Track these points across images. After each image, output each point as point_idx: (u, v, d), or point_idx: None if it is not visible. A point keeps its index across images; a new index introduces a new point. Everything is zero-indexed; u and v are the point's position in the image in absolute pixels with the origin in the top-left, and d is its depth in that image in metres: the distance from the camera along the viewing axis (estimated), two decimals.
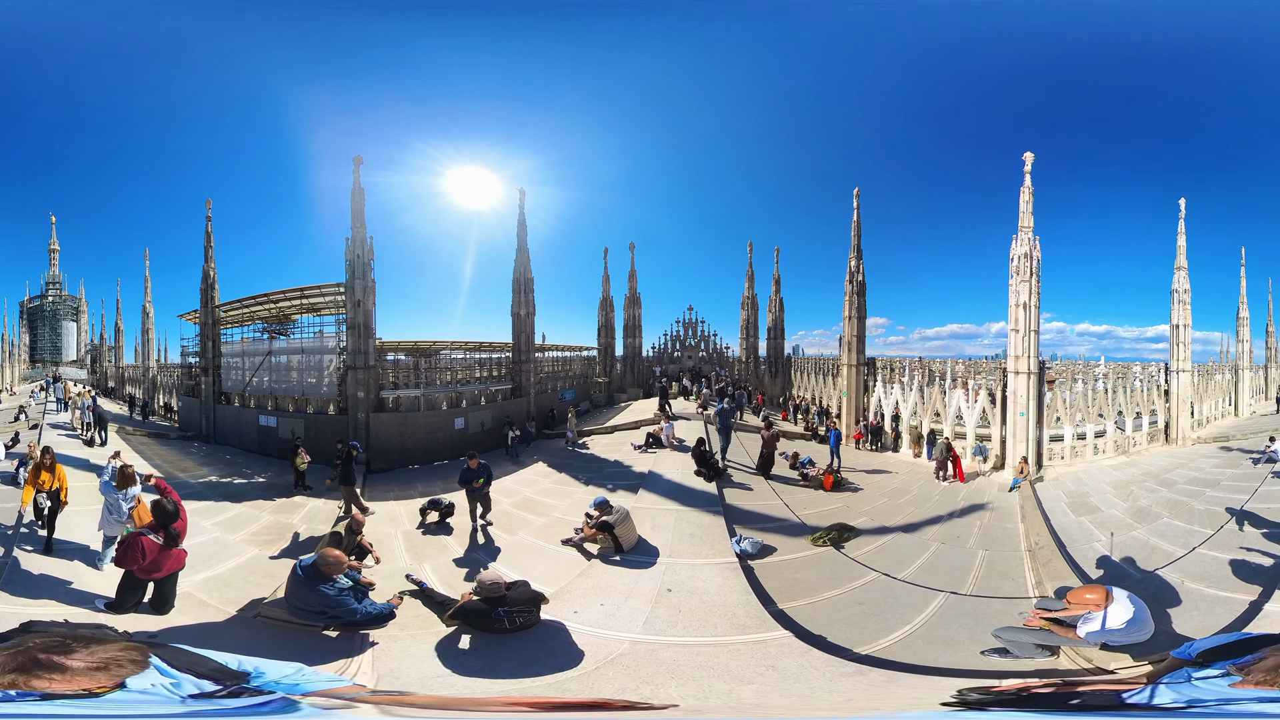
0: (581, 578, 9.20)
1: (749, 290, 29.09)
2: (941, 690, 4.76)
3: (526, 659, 6.61)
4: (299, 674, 3.29)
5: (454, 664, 6.46)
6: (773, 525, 11.88)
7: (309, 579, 6.56)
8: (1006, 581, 9.77)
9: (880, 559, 10.59)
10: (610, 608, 8.07)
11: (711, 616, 7.77)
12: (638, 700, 5.75)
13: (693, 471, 14.65)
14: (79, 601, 6.87)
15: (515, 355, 23.72)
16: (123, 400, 29.81)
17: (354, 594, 6.83)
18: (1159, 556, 9.66)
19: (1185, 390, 21.07)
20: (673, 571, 9.24)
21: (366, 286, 18.93)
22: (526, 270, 23.91)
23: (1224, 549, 9.53)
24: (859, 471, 17.87)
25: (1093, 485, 16.22)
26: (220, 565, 8.39)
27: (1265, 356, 24.59)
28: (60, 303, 37.47)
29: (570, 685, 6.05)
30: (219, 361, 22.97)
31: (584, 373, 30.02)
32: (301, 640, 6.57)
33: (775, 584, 8.95)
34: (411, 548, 10.69)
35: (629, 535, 10.06)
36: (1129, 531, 11.41)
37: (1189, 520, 11.51)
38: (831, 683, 6.26)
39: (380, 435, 18.60)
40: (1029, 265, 18.72)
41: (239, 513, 11.79)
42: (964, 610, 8.39)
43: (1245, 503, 12.03)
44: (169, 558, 6.63)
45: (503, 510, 12.96)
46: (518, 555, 10.49)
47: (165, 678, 2.59)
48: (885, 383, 24.08)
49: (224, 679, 2.81)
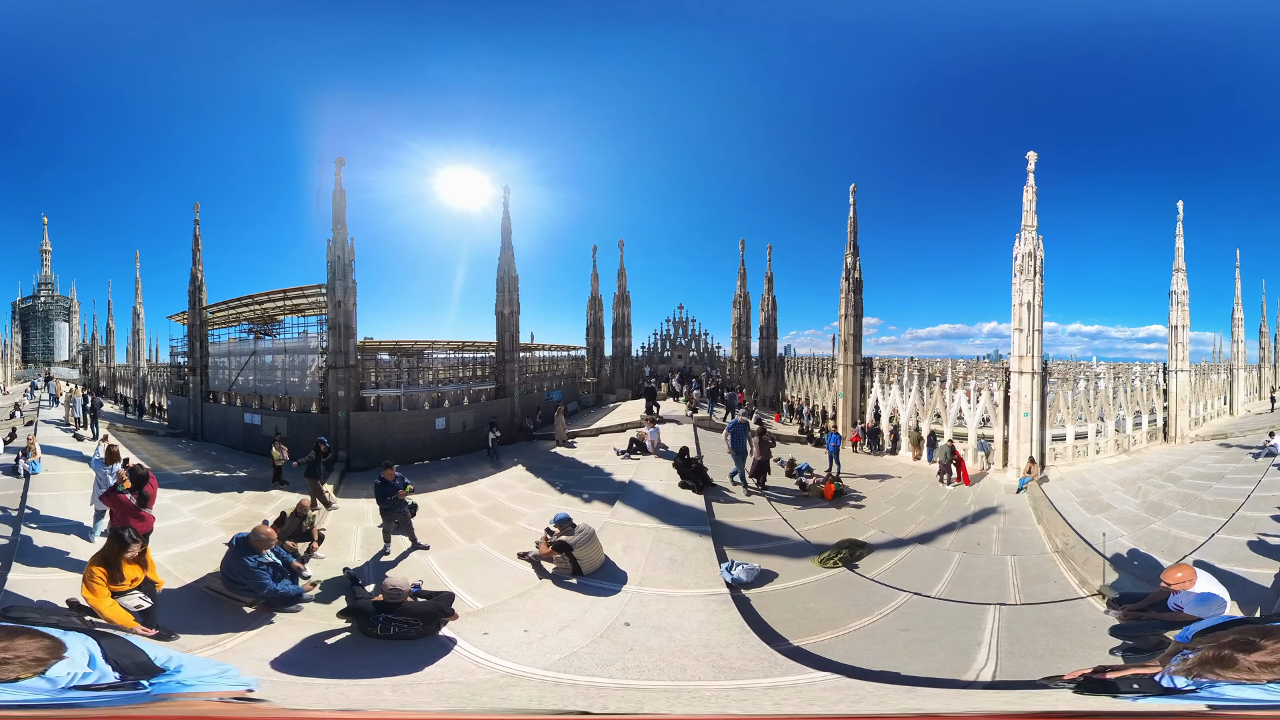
0: (521, 598, 8.94)
1: (741, 288, 29.99)
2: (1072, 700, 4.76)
3: (372, 664, 6.71)
4: (221, 674, 3.97)
5: (297, 655, 6.94)
6: (770, 545, 11.27)
7: (238, 550, 7.75)
8: (1050, 585, 9.82)
9: (904, 577, 10.15)
10: (534, 635, 7.75)
11: (682, 657, 7.07)
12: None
13: (677, 484, 14.09)
14: (76, 568, 8.19)
15: (499, 354, 24.89)
16: (114, 399, 31.75)
17: (273, 571, 7.83)
18: (1183, 545, 10.74)
19: (1184, 390, 21.90)
20: (640, 603, 8.57)
21: (347, 287, 20.32)
22: (511, 268, 25.10)
23: (1240, 533, 10.74)
24: (860, 477, 17.98)
25: (1100, 484, 17.16)
26: (189, 544, 9.67)
27: (1259, 357, 25.32)
28: (52, 303, 39.65)
29: (389, 696, 5.95)
30: (207, 361, 24.58)
31: (572, 373, 31.20)
32: (229, 613, 7.59)
33: (783, 616, 8.32)
34: (367, 544, 11.26)
35: (591, 557, 9.55)
36: (1147, 525, 12.42)
37: (1202, 511, 12.66)
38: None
39: (360, 434, 19.95)
40: (1033, 264, 19.35)
41: (215, 501, 13.18)
42: (1029, 620, 8.29)
43: (1251, 493, 13.30)
44: (141, 519, 8.03)
45: (468, 515, 13.64)
46: (466, 565, 10.39)
47: (85, 668, 3.04)
48: (883, 383, 24.54)
49: (139, 673, 3.28)
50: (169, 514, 11.02)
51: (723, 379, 30.11)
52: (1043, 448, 19.70)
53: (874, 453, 22.96)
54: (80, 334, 37.79)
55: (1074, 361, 24.20)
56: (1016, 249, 19.57)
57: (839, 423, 24.48)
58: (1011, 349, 19.59)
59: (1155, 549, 10.76)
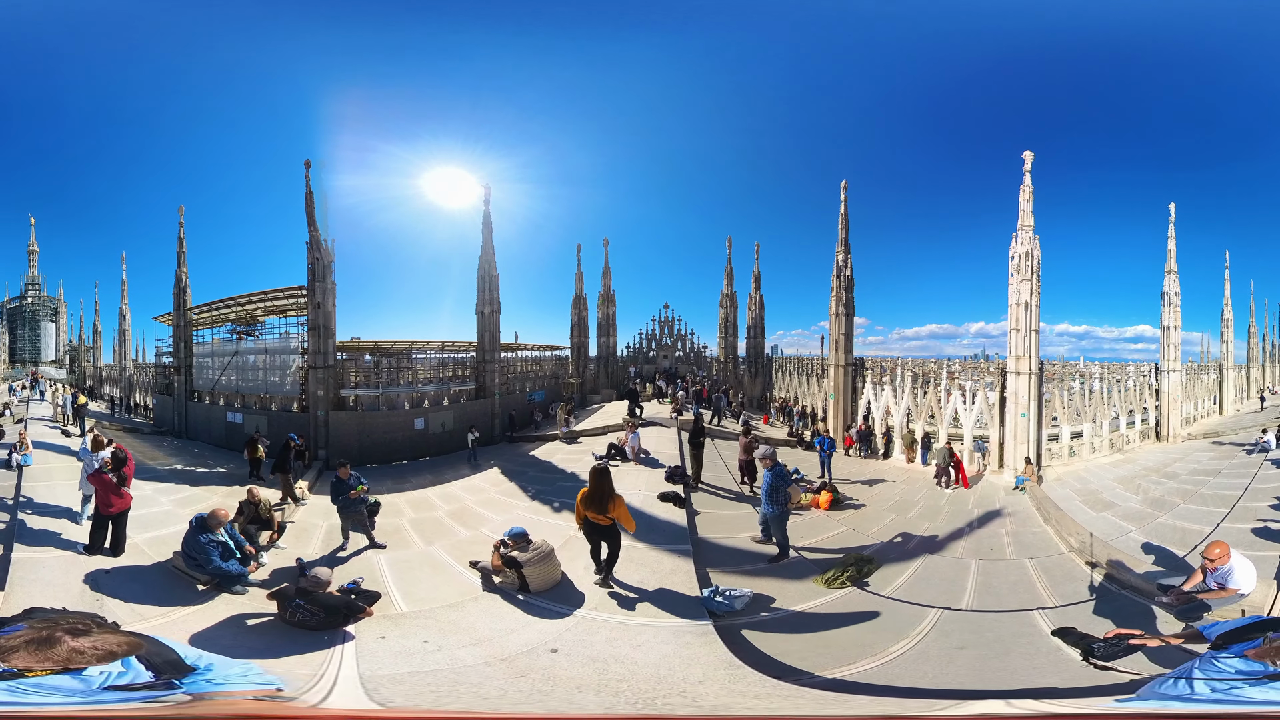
0: (452, 608, 8.92)
1: (728, 287, 31.32)
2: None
3: (262, 648, 7.33)
4: (246, 673, 4.17)
5: (214, 632, 7.76)
6: (763, 567, 10.81)
7: (195, 528, 9.18)
8: (1079, 585, 10.11)
9: (926, 590, 9.97)
10: (431, 646, 7.62)
11: (609, 695, 6.45)
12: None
13: (657, 495, 13.74)
14: (68, 547, 9.96)
15: (479, 354, 26.32)
16: (100, 398, 33.98)
17: (222, 551, 9.13)
18: (1192, 536, 11.77)
19: (1176, 390, 23.05)
20: (586, 629, 8.12)
21: (326, 289, 22.03)
22: (491, 267, 26.57)
23: (1243, 522, 11.97)
24: (855, 483, 18.11)
25: (1098, 482, 18.17)
26: (165, 530, 11.13)
27: (1247, 357, 26.33)
28: (39, 304, 42.17)
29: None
30: (190, 361, 26.53)
31: (556, 373, 32.63)
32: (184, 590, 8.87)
33: (790, 648, 7.76)
34: (329, 538, 12.16)
35: (545, 576, 9.36)
36: (1154, 520, 13.45)
37: (1204, 504, 13.96)
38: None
39: (339, 434, 21.57)
40: (1030, 264, 20.10)
41: (193, 493, 14.84)
42: (1081, 620, 8.40)
43: (1248, 486, 14.68)
44: (120, 498, 9.83)
45: (434, 517, 14.39)
46: (414, 567, 10.75)
47: (119, 667, 3.14)
48: (875, 384, 25.02)
49: (171, 672, 3.41)
50: (149, 503, 12.78)
51: (710, 380, 31.28)
52: (1039, 448, 20.52)
53: (867, 456, 23.50)
54: (67, 334, 40.17)
55: (1063, 362, 25.32)
56: (1013, 249, 20.43)
57: (830, 424, 25.15)
58: (1008, 349, 20.40)
59: (1166, 541, 11.80)
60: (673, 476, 14.86)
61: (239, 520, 10.85)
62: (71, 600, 8.35)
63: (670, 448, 18.79)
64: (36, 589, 8.55)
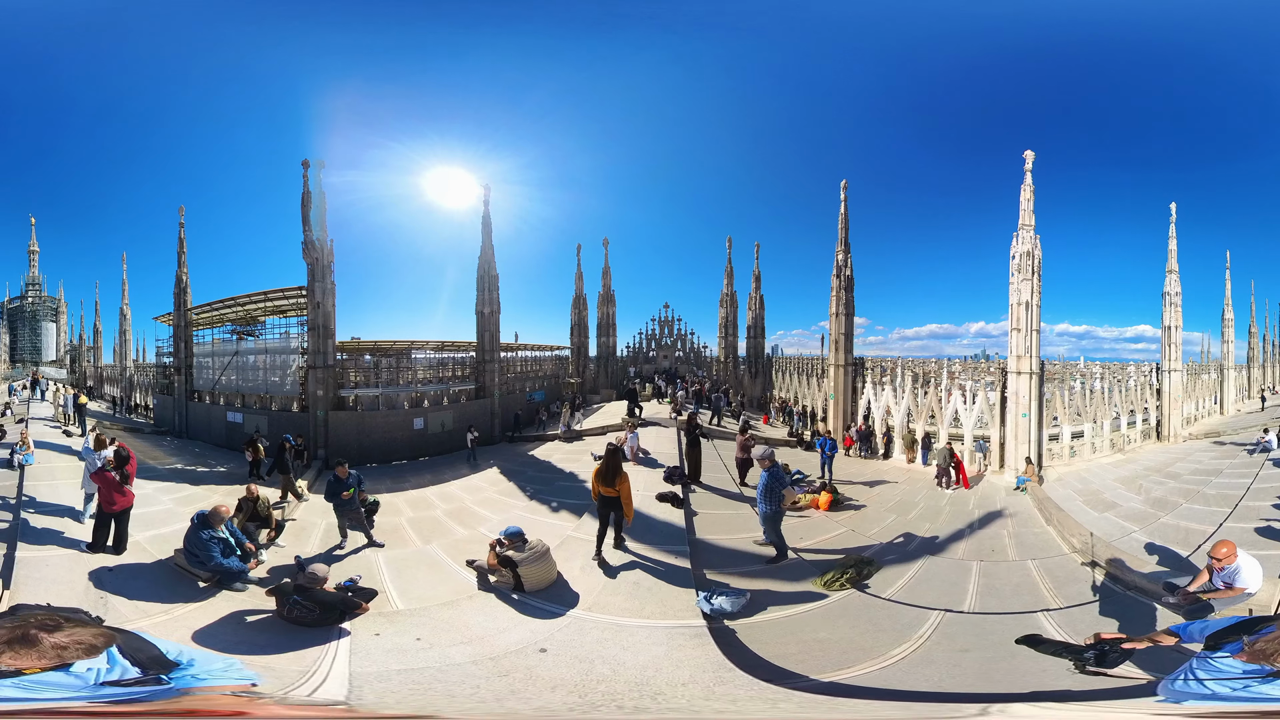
0: (447, 606, 9.01)
1: (728, 287, 31.48)
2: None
3: (262, 644, 7.48)
4: (227, 668, 4.22)
5: (216, 629, 7.90)
6: (760, 568, 10.82)
7: (197, 525, 9.38)
8: (1083, 586, 10.10)
9: (927, 593, 9.95)
10: (423, 644, 7.71)
11: (589, 693, 6.39)
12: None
13: (655, 496, 13.74)
14: (72, 546, 10.17)
15: (479, 354, 26.61)
16: (101, 398, 34.33)
17: (223, 547, 9.33)
18: (1195, 536, 11.79)
19: (1177, 390, 23.21)
20: (578, 629, 8.15)
21: (326, 289, 22.30)
22: (491, 267, 26.87)
23: (1246, 521, 12.02)
24: (855, 484, 18.05)
25: (1100, 482, 18.18)
26: (166, 528, 11.37)
27: (1247, 356, 26.47)
28: (40, 304, 42.57)
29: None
30: (191, 361, 26.83)
31: (556, 373, 32.88)
32: (186, 587, 9.03)
33: (787, 650, 7.71)
34: (328, 536, 12.32)
35: (540, 576, 9.47)
36: (1157, 520, 13.41)
37: (1206, 504, 13.98)
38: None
39: (338, 433, 21.84)
40: (1030, 264, 20.26)
41: (193, 492, 15.11)
42: (1086, 622, 8.41)
43: (1250, 485, 14.75)
44: (123, 495, 10.04)
45: (432, 517, 14.58)
46: (410, 566, 10.90)
47: (106, 663, 3.11)
48: (875, 384, 25.14)
49: (156, 667, 3.39)
50: (150, 502, 13.04)
51: (710, 380, 31.50)
52: (1040, 448, 20.67)
53: (867, 456, 23.63)
54: (68, 334, 40.56)
55: (1064, 361, 25.48)
56: (1014, 248, 20.57)
57: (830, 424, 25.27)
58: (1009, 349, 20.54)
59: (1170, 541, 11.73)
60: (671, 477, 15.00)
61: (239, 518, 11.09)
62: (76, 598, 8.53)
63: (669, 447, 18.92)
64: (41, 587, 8.71)
